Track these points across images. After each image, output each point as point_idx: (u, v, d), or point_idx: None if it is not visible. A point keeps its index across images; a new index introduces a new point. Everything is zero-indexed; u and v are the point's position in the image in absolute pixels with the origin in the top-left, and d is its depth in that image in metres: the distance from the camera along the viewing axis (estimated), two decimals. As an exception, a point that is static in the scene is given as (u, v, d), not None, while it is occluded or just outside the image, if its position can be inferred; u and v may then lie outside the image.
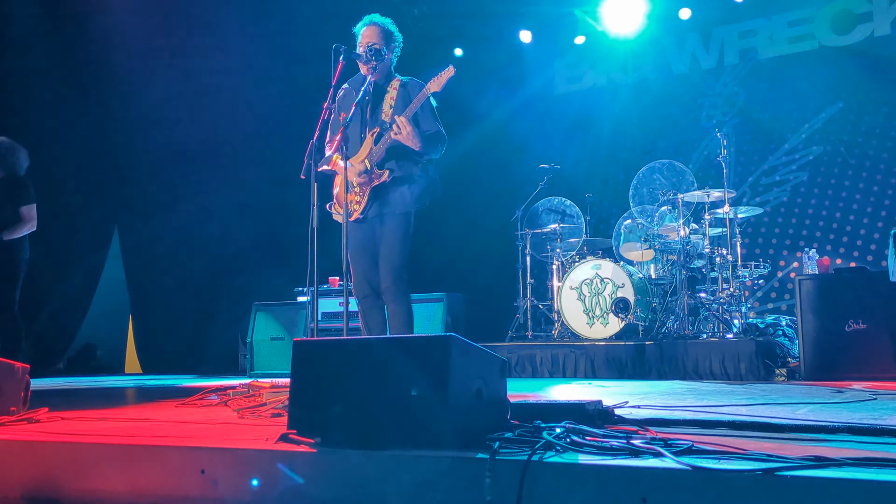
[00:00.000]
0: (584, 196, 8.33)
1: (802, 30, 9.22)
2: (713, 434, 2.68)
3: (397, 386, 2.48)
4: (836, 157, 8.88)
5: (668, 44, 9.96)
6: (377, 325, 4.59)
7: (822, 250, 8.53)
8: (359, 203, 4.57)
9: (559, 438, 2.34)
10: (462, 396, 2.45)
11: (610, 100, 10.31)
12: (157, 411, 3.98)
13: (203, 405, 4.15)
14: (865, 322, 5.54)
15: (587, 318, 7.17)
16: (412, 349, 2.54)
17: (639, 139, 10.03)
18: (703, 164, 9.50)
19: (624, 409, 3.41)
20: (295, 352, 2.73)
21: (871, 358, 5.47)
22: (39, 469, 2.84)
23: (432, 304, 7.95)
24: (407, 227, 4.61)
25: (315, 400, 2.64)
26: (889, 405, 3.70)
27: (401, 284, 4.52)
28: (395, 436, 2.41)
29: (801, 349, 5.75)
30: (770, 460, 2.01)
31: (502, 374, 2.73)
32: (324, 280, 8.30)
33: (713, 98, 9.64)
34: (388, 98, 4.65)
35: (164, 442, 2.74)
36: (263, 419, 3.38)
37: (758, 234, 9.10)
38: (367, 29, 4.62)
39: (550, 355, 6.82)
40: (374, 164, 4.55)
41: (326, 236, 4.09)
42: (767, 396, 4.42)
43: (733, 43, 9.58)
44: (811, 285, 5.80)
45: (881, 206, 8.55)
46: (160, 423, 3.42)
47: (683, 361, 6.23)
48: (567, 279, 7.33)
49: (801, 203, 8.99)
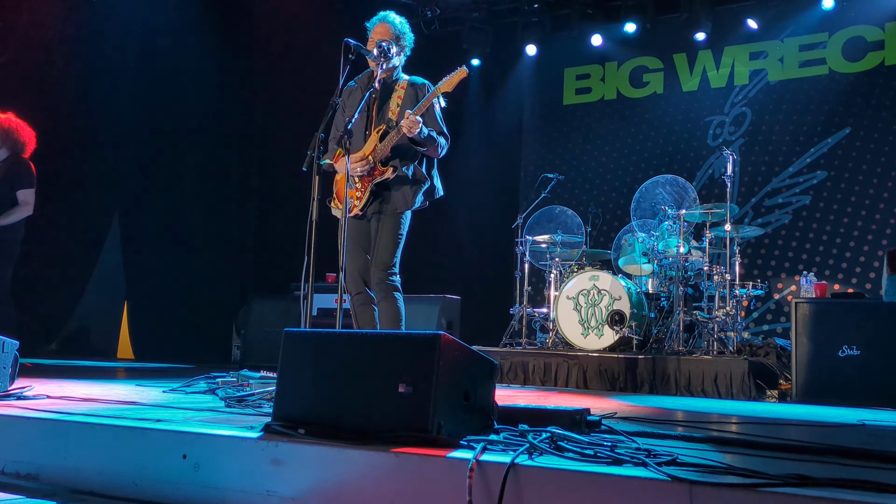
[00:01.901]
0: (586, 207, 8.33)
1: (814, 54, 9.22)
2: (700, 449, 2.67)
3: (384, 381, 2.47)
4: (839, 183, 8.87)
5: (679, 60, 9.96)
6: (368, 322, 4.59)
7: (821, 275, 8.52)
8: (359, 199, 4.57)
9: (544, 443, 2.33)
10: (449, 396, 2.44)
11: (617, 113, 10.31)
12: (144, 395, 3.97)
13: (190, 392, 4.14)
14: (859, 348, 5.53)
15: (582, 329, 7.15)
16: (401, 345, 2.53)
17: (644, 154, 10.03)
18: (707, 181, 9.50)
19: (612, 419, 3.40)
20: (284, 341, 2.72)
21: (864, 384, 5.46)
22: (22, 445, 2.83)
23: (429, 305, 7.95)
24: (404, 226, 4.61)
25: (301, 391, 2.63)
26: (876, 431, 3.69)
27: (392, 282, 4.52)
28: (380, 431, 2.40)
29: (794, 372, 5.74)
30: (753, 476, 2.00)
31: (491, 376, 2.72)
32: (321, 276, 8.30)
33: (721, 117, 9.64)
34: (396, 97, 4.64)
35: (149, 425, 2.73)
36: (250, 408, 3.38)
37: (757, 255, 9.09)
38: (379, 26, 4.62)
39: (543, 363, 6.81)
40: (378, 161, 4.54)
41: (326, 232, 4.09)
42: (757, 416, 4.41)
43: (744, 63, 9.58)
44: (807, 309, 5.80)
45: (882, 234, 8.54)
46: (146, 406, 3.41)
47: (676, 377, 6.22)
48: (564, 289, 7.32)
49: (802, 226, 8.98)
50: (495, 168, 10.77)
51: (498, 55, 10.55)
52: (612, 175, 10.20)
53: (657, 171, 9.21)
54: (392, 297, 4.49)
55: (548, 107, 10.80)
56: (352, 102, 4.64)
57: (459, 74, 4.41)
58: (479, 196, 10.42)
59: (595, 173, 10.31)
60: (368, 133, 4.62)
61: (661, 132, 9.98)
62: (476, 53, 10.41)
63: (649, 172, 9.17)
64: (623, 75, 10.33)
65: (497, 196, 10.53)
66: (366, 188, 4.57)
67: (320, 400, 2.58)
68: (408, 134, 4.38)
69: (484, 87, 10.84)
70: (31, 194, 5.92)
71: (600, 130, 10.39)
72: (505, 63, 10.72)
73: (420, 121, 4.36)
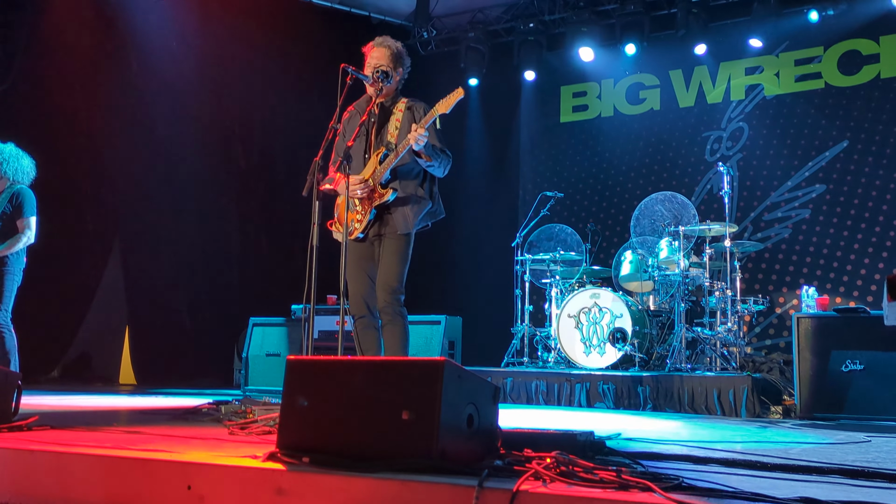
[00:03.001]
0: (585, 224, 8.33)
1: (809, 68, 9.26)
2: (705, 470, 2.66)
3: (388, 408, 2.46)
4: (838, 196, 8.88)
5: (675, 77, 10.00)
6: (371, 345, 4.57)
7: (822, 288, 8.51)
8: (359, 222, 4.57)
9: (548, 468, 2.33)
10: (453, 422, 2.44)
11: (615, 130, 10.35)
12: (146, 424, 3.96)
13: (194, 419, 4.12)
14: (863, 363, 5.52)
15: (584, 347, 7.15)
16: (404, 372, 2.53)
17: (642, 170, 10.05)
18: (706, 197, 9.52)
19: (616, 440, 3.39)
20: (288, 370, 2.71)
21: (868, 399, 5.44)
22: (25, 478, 2.82)
23: (431, 327, 7.93)
24: (407, 247, 4.60)
25: (305, 419, 2.62)
26: (883, 448, 3.68)
27: (397, 304, 4.51)
28: (385, 459, 2.39)
29: (798, 387, 5.72)
30: (759, 499, 1.99)
31: (494, 400, 2.71)
32: (322, 298, 8.29)
33: (718, 132, 9.67)
34: (394, 119, 4.66)
35: (152, 456, 2.72)
36: (254, 436, 3.37)
37: (758, 270, 9.09)
38: (376, 50, 4.63)
39: (546, 383, 6.79)
40: (378, 184, 4.55)
41: (326, 254, 4.09)
42: (761, 434, 4.40)
43: (740, 79, 9.62)
44: (809, 324, 5.79)
45: (882, 246, 8.54)
46: (149, 435, 3.40)
47: (679, 394, 6.20)
48: (565, 307, 7.32)
49: (802, 240, 8.99)
50: (494, 187, 10.81)
51: (495, 74, 10.60)
52: (610, 192, 10.22)
53: (656, 187, 9.23)
54: (397, 321, 4.48)
55: (545, 125, 10.84)
56: (351, 126, 4.65)
57: (456, 95, 4.43)
58: (478, 215, 10.44)
59: (594, 190, 10.33)
60: (368, 156, 4.63)
61: (658, 148, 10.01)
62: (473, 73, 10.46)
63: (648, 189, 9.19)
64: (619, 92, 10.37)
65: (496, 215, 10.56)
66: (366, 211, 4.58)
67: (324, 428, 2.58)
68: (414, 146, 4.35)
69: (481, 106, 10.88)
70: (32, 222, 5.92)
71: (598, 147, 10.42)
72: (502, 82, 10.76)
73: (426, 133, 4.35)
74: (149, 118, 9.28)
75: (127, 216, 9.32)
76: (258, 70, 10.00)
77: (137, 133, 9.25)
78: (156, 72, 9.27)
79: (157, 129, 9.33)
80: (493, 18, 10.52)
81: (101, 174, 9.15)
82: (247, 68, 9.95)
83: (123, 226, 9.33)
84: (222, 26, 9.63)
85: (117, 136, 9.15)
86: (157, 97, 9.27)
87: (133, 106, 9.21)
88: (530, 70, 10.46)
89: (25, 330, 6.21)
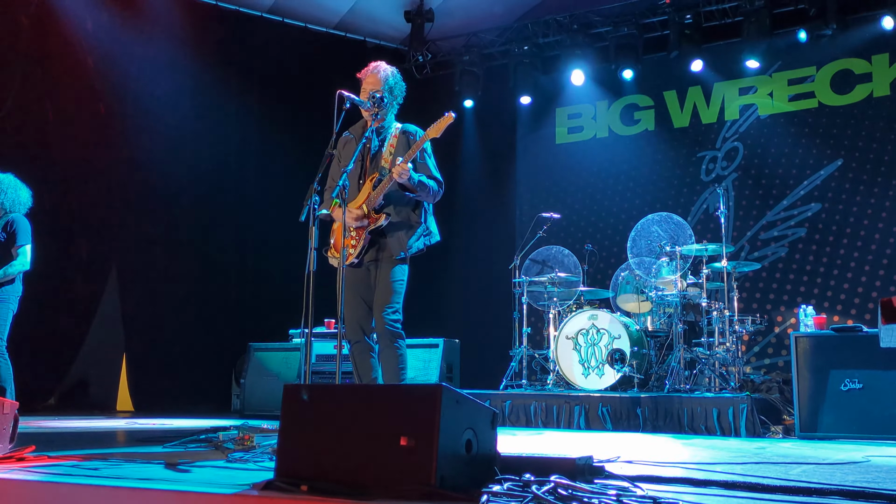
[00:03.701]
0: (582, 246, 8.34)
1: (802, 88, 9.32)
2: (705, 493, 2.65)
3: (386, 435, 2.46)
4: (834, 214, 8.91)
5: (670, 97, 10.06)
6: (368, 370, 4.57)
7: (820, 307, 8.51)
8: (355, 247, 4.58)
9: (548, 494, 2.32)
10: (451, 448, 2.43)
11: (610, 151, 10.39)
12: (143, 452, 3.94)
13: (191, 447, 4.11)
14: (861, 381, 5.51)
15: (583, 369, 7.14)
16: (402, 398, 2.53)
17: (638, 191, 10.08)
18: (702, 217, 9.54)
19: (615, 463, 3.38)
20: (285, 397, 2.71)
21: (867, 418, 5.43)
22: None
23: (429, 350, 7.93)
24: (402, 271, 4.61)
25: (303, 446, 2.62)
26: (882, 468, 3.67)
27: (395, 328, 4.51)
28: (383, 486, 2.38)
29: (797, 407, 5.70)
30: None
31: (493, 425, 2.71)
32: (320, 322, 8.29)
33: (713, 152, 9.71)
34: (389, 145, 4.68)
35: (150, 486, 2.71)
36: (252, 464, 3.35)
37: (755, 289, 9.09)
38: (371, 76, 4.67)
39: (545, 405, 6.78)
40: (372, 209, 4.57)
41: (324, 279, 4.10)
42: (761, 455, 4.39)
43: (734, 99, 9.68)
44: (807, 343, 5.78)
45: (879, 264, 8.56)
46: (147, 464, 3.39)
47: (678, 415, 6.19)
48: (563, 329, 7.32)
49: (799, 259, 9.00)
50: (491, 209, 10.83)
51: (490, 96, 10.64)
52: (606, 212, 10.24)
53: (652, 207, 9.25)
54: (395, 345, 4.47)
55: (541, 146, 10.88)
56: (346, 152, 4.67)
57: (446, 120, 4.46)
58: (475, 238, 10.46)
59: (590, 211, 10.35)
60: (363, 182, 4.65)
61: (654, 168, 10.04)
62: (468, 95, 10.51)
63: (644, 209, 9.21)
64: (614, 113, 10.42)
65: (493, 237, 10.57)
66: (361, 236, 4.59)
67: (322, 455, 2.57)
68: (398, 181, 4.41)
69: (477, 128, 10.92)
70: (27, 250, 5.93)
71: (594, 168, 10.45)
72: (497, 104, 10.81)
73: (409, 167, 4.39)
74: (145, 147, 9.31)
75: (124, 243, 9.32)
76: (254, 94, 10.05)
77: (133, 161, 9.28)
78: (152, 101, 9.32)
79: (154, 156, 9.35)
80: (488, 42, 10.59)
81: (98, 202, 9.16)
82: (243, 94, 10.01)
83: (120, 252, 9.32)
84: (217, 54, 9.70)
85: (114, 164, 9.18)
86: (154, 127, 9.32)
87: (129, 135, 9.25)
88: (525, 93, 10.51)
89: (22, 358, 6.20)
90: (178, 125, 9.46)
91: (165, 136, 9.39)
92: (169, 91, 9.38)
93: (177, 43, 9.34)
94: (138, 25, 9.20)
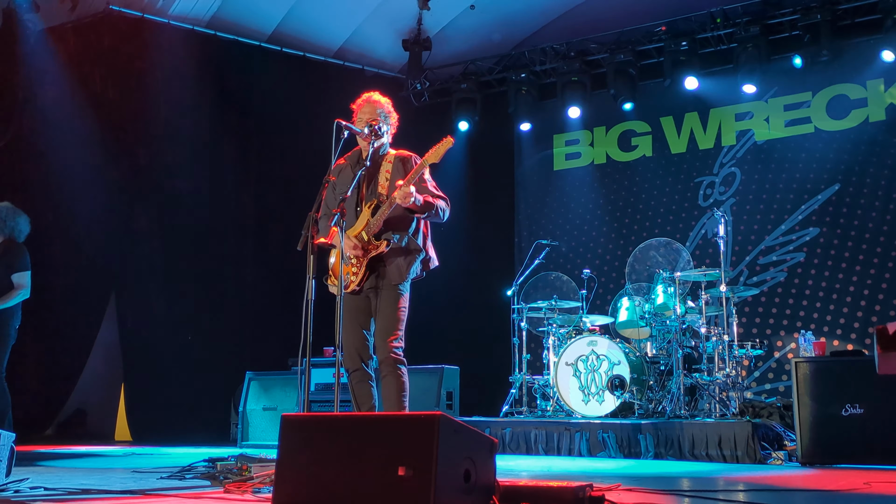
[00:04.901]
0: (580, 272, 8.34)
1: (798, 113, 9.36)
2: (705, 521, 2.63)
3: (384, 465, 2.44)
4: (832, 239, 8.91)
5: (667, 123, 10.10)
6: (367, 399, 4.54)
7: (820, 332, 8.50)
8: (355, 275, 4.57)
9: (547, 523, 2.30)
10: (449, 477, 2.42)
11: (608, 176, 10.42)
12: (141, 485, 3.91)
13: (189, 479, 4.08)
14: (862, 406, 5.48)
15: (583, 395, 7.11)
16: (400, 427, 2.52)
17: (636, 216, 10.10)
18: (700, 242, 9.55)
19: (615, 492, 3.36)
20: (283, 427, 2.70)
21: (869, 443, 5.39)
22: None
23: (428, 377, 7.89)
24: (403, 298, 4.60)
25: (301, 476, 2.60)
26: (885, 494, 3.65)
27: (396, 356, 4.49)
28: (381, 516, 2.37)
29: (798, 433, 5.66)
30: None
31: (492, 454, 2.69)
32: (319, 351, 8.26)
33: (710, 177, 9.73)
34: (384, 171, 4.69)
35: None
36: (250, 494, 3.33)
37: (755, 314, 9.08)
38: (366, 105, 4.70)
39: (545, 432, 6.74)
40: (371, 236, 4.57)
41: (323, 307, 4.09)
42: (763, 481, 4.36)
43: (730, 124, 9.72)
44: (808, 368, 5.75)
45: (878, 288, 8.55)
46: (144, 497, 3.36)
47: (679, 442, 6.16)
48: (563, 355, 7.29)
49: (798, 284, 8.99)
50: (490, 235, 10.84)
51: (488, 123, 10.68)
52: (605, 238, 10.26)
53: (650, 232, 9.26)
54: (396, 373, 4.45)
55: (539, 173, 10.91)
56: (343, 180, 4.68)
57: (446, 144, 4.47)
58: (474, 264, 10.45)
59: (588, 237, 10.36)
60: (360, 209, 4.66)
61: (651, 194, 10.07)
62: (466, 122, 10.54)
63: (642, 234, 9.22)
64: (612, 140, 10.46)
65: (492, 264, 10.57)
66: (361, 264, 4.58)
67: (320, 485, 2.55)
68: (402, 204, 4.40)
69: (475, 155, 10.93)
70: (26, 277, 5.92)
71: (592, 194, 10.48)
72: (495, 131, 10.85)
73: (412, 190, 4.39)
74: (145, 175, 9.35)
75: (122, 272, 9.32)
76: (252, 123, 10.09)
77: (133, 190, 9.31)
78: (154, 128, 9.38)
79: (153, 185, 9.39)
80: (486, 69, 10.66)
81: (97, 230, 9.18)
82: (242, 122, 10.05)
83: (119, 282, 9.32)
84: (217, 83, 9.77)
85: (113, 192, 9.21)
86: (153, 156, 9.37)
87: (129, 161, 9.29)
88: (523, 119, 10.57)
89: (20, 387, 6.18)
90: (176, 154, 9.49)
91: (163, 165, 9.42)
92: (167, 118, 9.42)
93: (174, 73, 9.40)
94: (136, 54, 9.27)
